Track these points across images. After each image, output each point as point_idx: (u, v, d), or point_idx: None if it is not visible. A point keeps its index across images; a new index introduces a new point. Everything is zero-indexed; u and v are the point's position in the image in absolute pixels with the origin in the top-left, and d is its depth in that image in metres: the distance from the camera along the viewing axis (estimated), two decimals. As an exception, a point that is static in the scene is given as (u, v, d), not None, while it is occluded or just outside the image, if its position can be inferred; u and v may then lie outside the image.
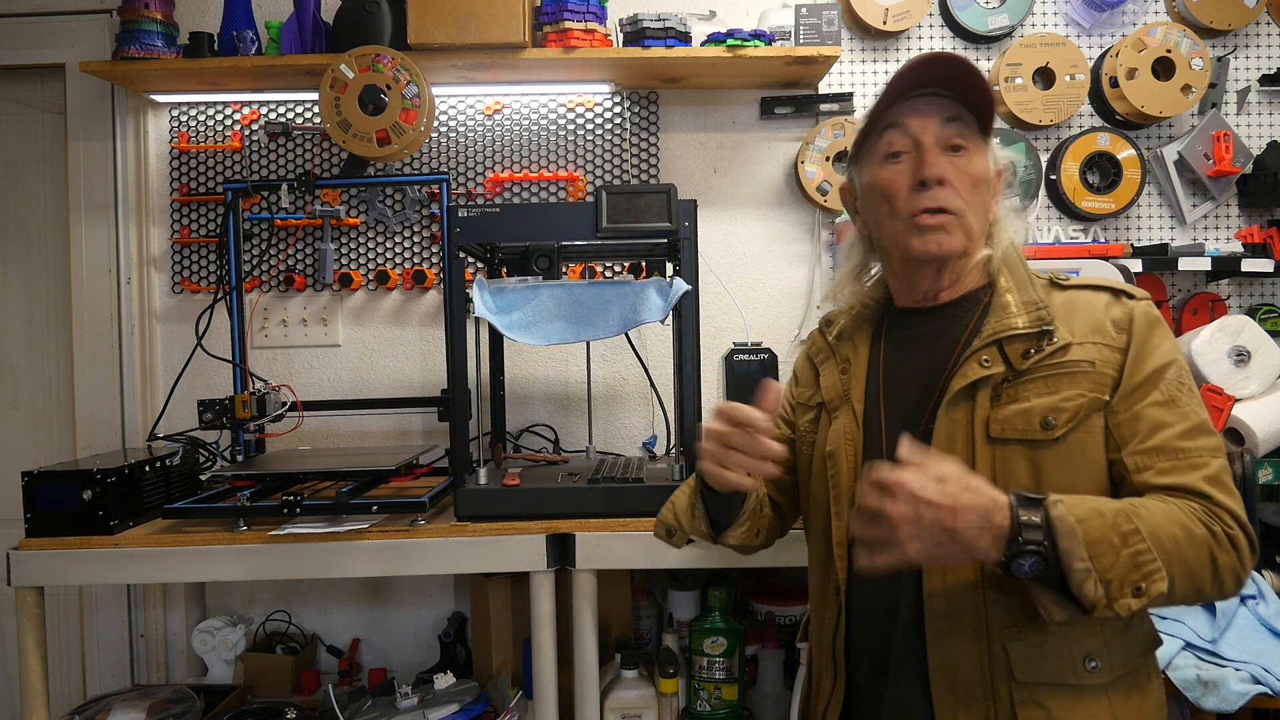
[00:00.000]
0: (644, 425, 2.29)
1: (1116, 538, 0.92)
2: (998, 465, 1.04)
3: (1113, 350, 1.06)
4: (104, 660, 2.25)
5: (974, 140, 1.11)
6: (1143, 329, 1.07)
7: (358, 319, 2.30)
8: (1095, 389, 1.04)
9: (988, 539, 0.91)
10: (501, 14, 1.95)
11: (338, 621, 2.29)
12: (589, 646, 1.67)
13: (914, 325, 1.18)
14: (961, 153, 1.10)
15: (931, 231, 1.09)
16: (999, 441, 1.05)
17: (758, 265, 2.29)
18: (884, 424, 1.14)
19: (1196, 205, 2.25)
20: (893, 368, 1.17)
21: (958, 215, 1.09)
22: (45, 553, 1.65)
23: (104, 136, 2.25)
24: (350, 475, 1.81)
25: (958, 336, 1.12)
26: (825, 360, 1.26)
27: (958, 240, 1.09)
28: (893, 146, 1.12)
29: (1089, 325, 1.08)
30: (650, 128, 2.27)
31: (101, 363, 2.25)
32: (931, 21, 2.25)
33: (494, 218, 1.66)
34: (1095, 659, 1.02)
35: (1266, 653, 1.58)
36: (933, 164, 1.08)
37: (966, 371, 1.08)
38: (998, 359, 1.07)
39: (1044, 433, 1.03)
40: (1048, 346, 1.06)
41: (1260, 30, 2.26)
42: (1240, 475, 1.76)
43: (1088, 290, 1.12)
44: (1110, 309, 1.08)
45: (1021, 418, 1.05)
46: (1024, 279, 1.13)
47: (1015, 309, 1.09)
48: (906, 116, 1.11)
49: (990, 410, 1.06)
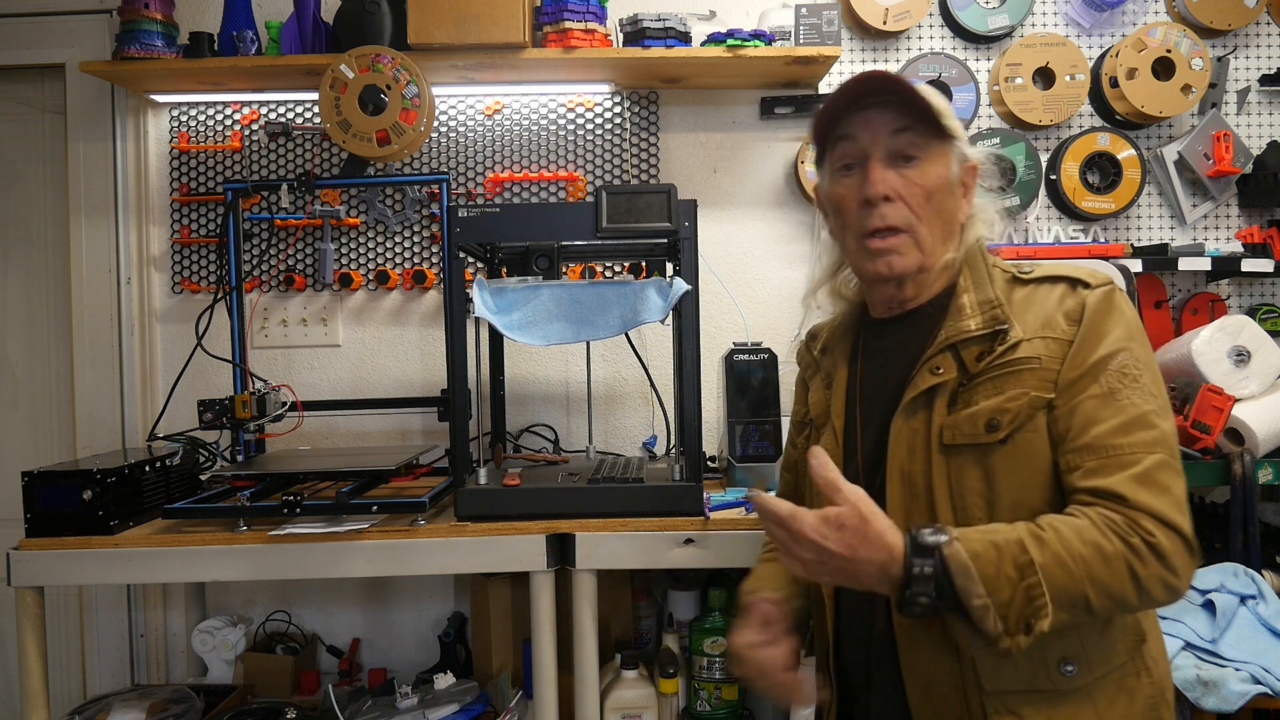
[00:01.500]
0: (644, 425, 2.29)
1: (1013, 570, 0.91)
2: (952, 473, 1.03)
3: (1060, 343, 1.03)
4: (104, 660, 2.25)
5: (928, 148, 1.08)
6: (1092, 318, 1.03)
7: (358, 319, 2.30)
8: (1039, 386, 1.02)
9: (885, 585, 0.94)
10: (501, 14, 1.95)
11: (338, 621, 2.29)
12: (589, 646, 1.67)
13: (885, 336, 1.17)
14: (914, 163, 1.08)
15: (882, 255, 1.09)
16: (951, 448, 1.04)
17: (758, 265, 2.29)
18: (859, 439, 1.14)
19: (1196, 205, 2.25)
20: (866, 381, 1.17)
21: (909, 231, 1.08)
22: (45, 553, 1.65)
23: (104, 136, 2.25)
24: (350, 475, 1.81)
25: (924, 343, 1.10)
26: (813, 376, 1.26)
27: (910, 259, 1.08)
28: (845, 158, 1.11)
29: (1040, 320, 1.05)
30: (650, 128, 2.27)
31: (101, 363, 2.25)
32: (931, 21, 2.25)
33: (494, 218, 1.66)
34: (1071, 662, 1.00)
35: (1266, 653, 1.58)
36: (876, 182, 1.07)
37: (918, 380, 1.07)
38: (951, 364, 1.06)
39: (989, 435, 1.02)
40: (1000, 346, 1.04)
41: (1260, 30, 2.26)
42: (1240, 475, 1.76)
43: (1047, 283, 1.08)
44: (1064, 300, 1.05)
45: (969, 422, 1.03)
46: (982, 276, 1.11)
47: (970, 310, 1.08)
48: (856, 128, 1.09)
49: (946, 417, 1.05)
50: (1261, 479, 1.79)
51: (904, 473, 1.07)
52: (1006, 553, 0.92)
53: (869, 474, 1.11)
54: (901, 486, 1.06)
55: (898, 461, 1.07)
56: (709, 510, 1.67)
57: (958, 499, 1.03)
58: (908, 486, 1.06)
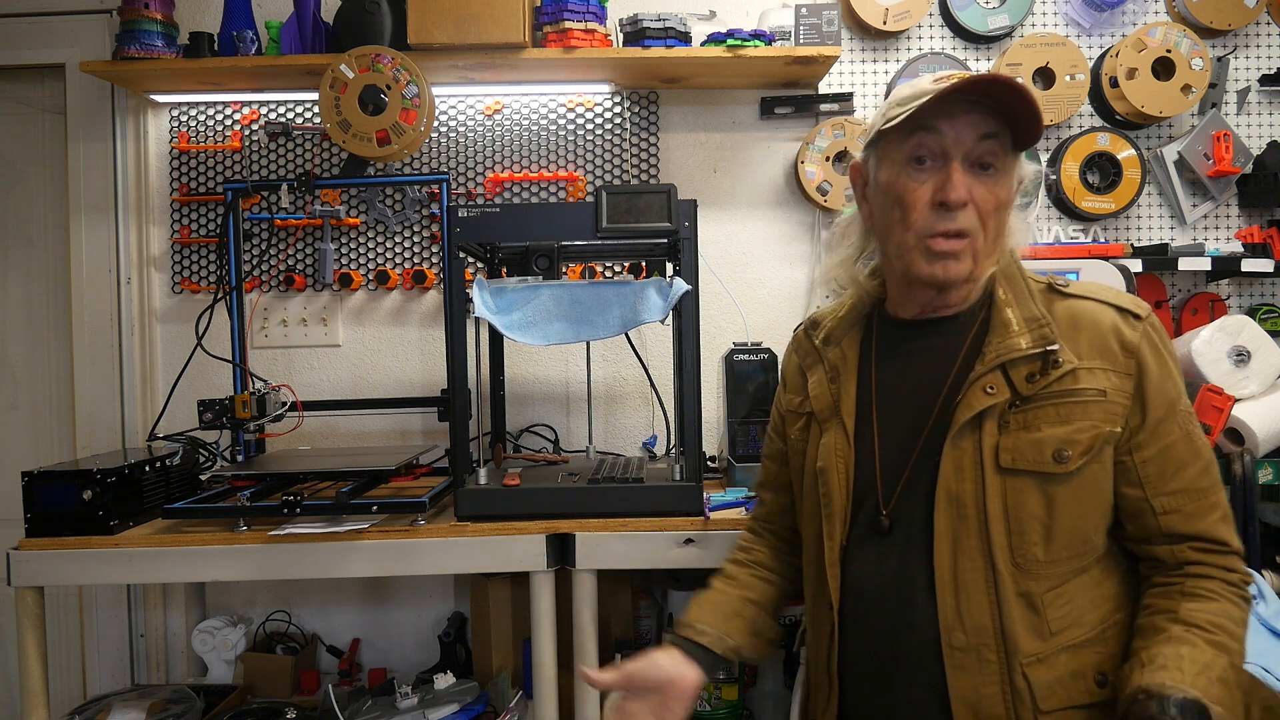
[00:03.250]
0: (644, 425, 2.29)
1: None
2: (1009, 495, 1.02)
3: (1122, 376, 1.03)
4: (104, 660, 2.25)
5: (1005, 159, 1.05)
6: (1154, 356, 1.04)
7: (358, 319, 2.30)
8: (1107, 420, 1.02)
9: None
10: (501, 14, 1.95)
11: (338, 621, 2.29)
12: (589, 647, 1.67)
13: (910, 339, 1.14)
14: (990, 173, 1.05)
15: (941, 258, 1.05)
16: (1010, 472, 1.02)
17: (758, 265, 2.29)
18: (877, 443, 1.12)
19: (1196, 205, 2.25)
20: (886, 383, 1.14)
21: (971, 238, 1.05)
22: (45, 553, 1.65)
23: (104, 136, 2.25)
24: (350, 475, 1.81)
25: (955, 354, 1.09)
26: (813, 366, 1.22)
27: (965, 266, 1.06)
28: (920, 150, 1.05)
29: (1095, 348, 1.04)
30: (650, 128, 2.27)
31: (101, 363, 2.25)
32: (931, 21, 2.25)
33: (494, 218, 1.66)
34: (1103, 673, 1.02)
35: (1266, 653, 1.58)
36: (958, 186, 1.02)
37: (972, 401, 1.04)
38: (1003, 385, 1.04)
39: (1058, 466, 1.01)
40: (1054, 371, 1.03)
41: (1260, 30, 2.26)
42: (1240, 475, 1.76)
43: (1091, 303, 1.07)
44: (1119, 330, 1.04)
45: (1034, 448, 1.02)
46: (1023, 290, 1.09)
47: (1017, 327, 1.06)
48: (942, 121, 1.03)
49: (999, 438, 1.03)
50: (1261, 479, 1.79)
51: (950, 492, 1.04)
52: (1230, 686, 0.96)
53: (888, 480, 1.10)
54: (949, 506, 1.04)
55: (946, 481, 1.04)
56: (709, 510, 1.67)
57: (1014, 523, 1.02)
58: (955, 507, 1.04)
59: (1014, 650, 1.01)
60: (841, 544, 1.12)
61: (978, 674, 1.02)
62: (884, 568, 1.08)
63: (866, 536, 1.10)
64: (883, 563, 1.08)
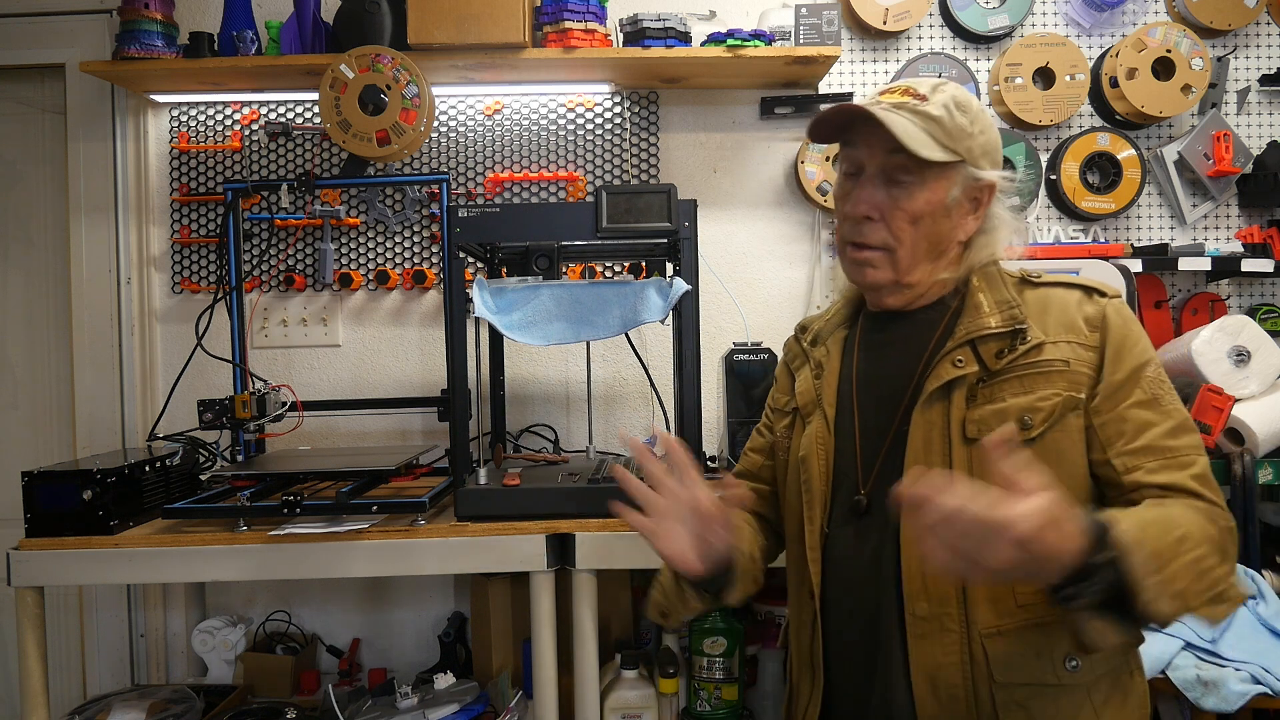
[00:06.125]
0: (644, 425, 2.29)
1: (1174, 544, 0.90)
2: (976, 467, 1.03)
3: (1086, 348, 1.06)
4: (104, 660, 2.25)
5: (923, 172, 1.07)
6: (1117, 327, 1.07)
7: (358, 319, 2.30)
8: (1070, 387, 1.04)
9: (1055, 577, 0.86)
10: (501, 14, 1.95)
11: (338, 621, 2.29)
12: (589, 646, 1.67)
13: (886, 329, 1.17)
14: (904, 186, 1.08)
15: (858, 265, 1.12)
16: (975, 442, 1.04)
17: (758, 265, 2.30)
18: (857, 427, 1.14)
19: (1196, 205, 2.25)
20: (866, 371, 1.17)
21: (887, 250, 1.10)
22: (45, 553, 1.65)
23: (104, 136, 2.25)
24: (350, 475, 1.81)
25: (928, 339, 1.12)
26: (800, 365, 1.26)
27: (885, 275, 1.11)
28: (846, 163, 1.13)
29: (1062, 323, 1.08)
30: (650, 128, 2.27)
31: (101, 363, 2.25)
32: (931, 21, 2.25)
33: (494, 218, 1.66)
34: (1076, 658, 1.02)
35: (1266, 653, 1.58)
36: (860, 200, 1.10)
37: (940, 372, 1.07)
38: (971, 359, 1.07)
39: (1021, 433, 1.03)
40: (1021, 346, 1.06)
41: (1260, 30, 2.26)
42: (1240, 475, 1.76)
43: (1059, 288, 1.12)
44: (1082, 306, 1.09)
45: (997, 418, 1.04)
46: (996, 281, 1.13)
47: (988, 309, 1.09)
48: (859, 136, 1.10)
49: (966, 411, 1.06)
50: (1261, 479, 1.79)
51: (920, 465, 1.06)
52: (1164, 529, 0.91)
53: (867, 462, 1.11)
54: None
55: (914, 454, 1.07)
56: (709, 510, 1.66)
57: None
58: None
59: (974, 620, 1.02)
60: (822, 529, 1.13)
61: (939, 643, 1.03)
62: (862, 548, 1.10)
63: (846, 519, 1.12)
64: (861, 543, 1.10)
